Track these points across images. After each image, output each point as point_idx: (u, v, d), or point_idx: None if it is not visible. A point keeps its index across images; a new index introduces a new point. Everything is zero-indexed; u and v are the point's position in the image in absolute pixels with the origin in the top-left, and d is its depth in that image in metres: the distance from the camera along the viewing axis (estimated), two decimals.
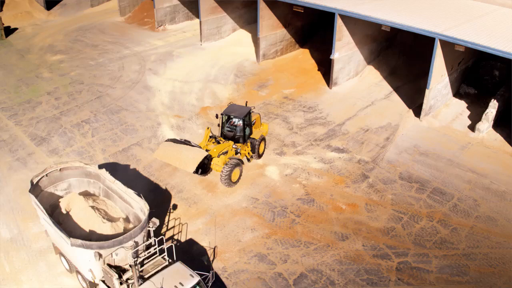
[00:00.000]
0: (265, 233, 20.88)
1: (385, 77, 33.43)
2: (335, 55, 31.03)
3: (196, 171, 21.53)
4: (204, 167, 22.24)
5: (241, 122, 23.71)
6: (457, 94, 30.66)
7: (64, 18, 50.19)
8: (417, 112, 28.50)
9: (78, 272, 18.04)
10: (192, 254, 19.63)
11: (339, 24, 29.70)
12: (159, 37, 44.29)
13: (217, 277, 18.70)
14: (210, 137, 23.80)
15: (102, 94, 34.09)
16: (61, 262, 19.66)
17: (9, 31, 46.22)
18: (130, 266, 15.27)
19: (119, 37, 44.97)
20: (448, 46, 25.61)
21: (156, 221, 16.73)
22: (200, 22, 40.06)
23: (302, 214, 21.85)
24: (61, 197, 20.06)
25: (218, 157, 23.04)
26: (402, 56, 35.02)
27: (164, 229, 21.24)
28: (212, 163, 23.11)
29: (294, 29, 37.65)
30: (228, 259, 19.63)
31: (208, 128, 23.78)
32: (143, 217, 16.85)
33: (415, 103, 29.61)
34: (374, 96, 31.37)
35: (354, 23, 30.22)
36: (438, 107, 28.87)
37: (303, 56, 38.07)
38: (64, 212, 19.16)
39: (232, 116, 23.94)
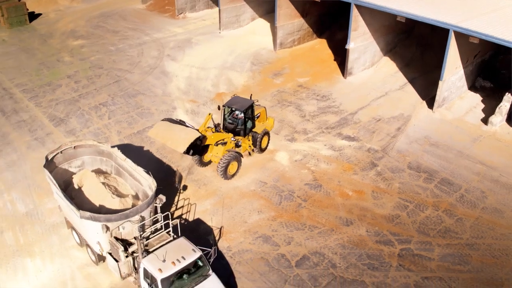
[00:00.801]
0: (271, 215, 21.27)
1: (401, 68, 33.40)
2: (351, 45, 31.13)
3: (187, 152, 21.21)
4: (196, 148, 21.88)
5: (242, 115, 23.48)
6: (472, 87, 30.49)
7: (86, 4, 51.01)
8: (431, 104, 28.47)
9: (87, 245, 18.71)
10: (198, 233, 20.13)
11: (355, 14, 29.78)
12: (179, 25, 44.79)
13: (221, 256, 19.18)
14: (214, 126, 23.59)
15: (121, 79, 34.77)
16: (72, 236, 20.33)
17: (33, 16, 47.26)
18: (135, 238, 15.82)
19: (139, 23, 45.62)
20: (463, 38, 25.53)
21: (162, 197, 17.27)
22: (219, 10, 40.40)
23: (309, 198, 22.18)
24: (75, 173, 20.71)
25: (216, 145, 23.04)
26: (419, 48, 34.89)
27: (173, 208, 21.79)
28: (211, 154, 23.29)
29: (312, 19, 37.75)
30: (233, 239, 20.09)
31: (209, 114, 23.57)
32: (151, 193, 17.37)
33: (430, 95, 29.56)
34: (388, 87, 31.41)
35: (370, 13, 30.24)
36: (452, 99, 28.80)
37: (320, 46, 38.18)
38: (76, 187, 19.83)
39: (233, 109, 23.73)
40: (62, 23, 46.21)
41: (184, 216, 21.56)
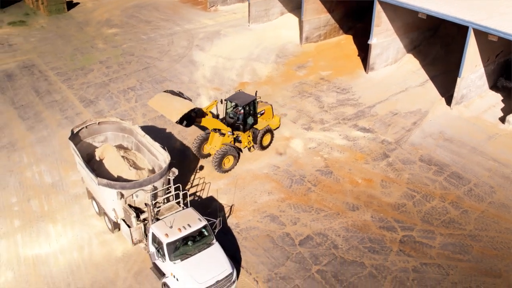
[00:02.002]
0: (281, 197, 22.13)
1: (424, 66, 33.68)
2: (373, 40, 31.64)
3: (180, 122, 21.25)
4: (190, 120, 21.78)
5: (242, 110, 23.63)
6: (494, 87, 30.56)
7: None
8: (450, 101, 28.74)
9: (105, 214, 19.97)
10: (210, 209, 21.11)
11: (377, 9, 30.29)
12: (210, 17, 46.02)
13: (229, 231, 20.16)
14: (215, 116, 23.64)
15: (150, 66, 36.16)
16: (92, 206, 21.66)
17: (71, 5, 49.33)
18: (146, 205, 16.95)
19: (172, 15, 47.06)
20: (483, 36, 25.76)
21: (175, 170, 18.36)
22: (249, 3, 41.40)
23: (319, 184, 22.93)
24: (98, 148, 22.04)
25: (214, 131, 23.39)
26: (444, 47, 35.05)
27: (188, 186, 22.86)
28: (210, 146, 23.89)
29: (339, 15, 38.33)
30: (242, 217, 21.04)
31: (215, 101, 23.85)
32: (164, 165, 18.47)
33: (449, 93, 29.78)
34: (409, 83, 31.77)
35: (393, 10, 30.68)
36: (472, 97, 28.99)
37: (346, 42, 38.73)
38: (98, 159, 21.12)
39: (233, 103, 23.84)
40: (98, 12, 48.07)
41: (198, 194, 22.60)
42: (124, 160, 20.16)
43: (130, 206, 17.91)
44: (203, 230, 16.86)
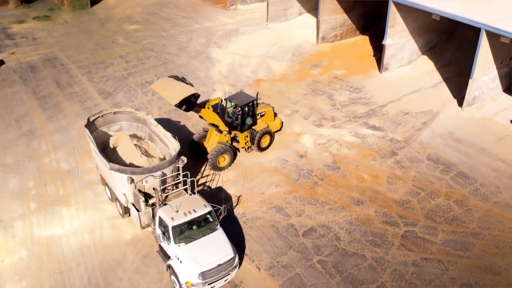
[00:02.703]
0: (288, 190, 22.65)
1: (438, 68, 33.81)
2: (387, 41, 31.95)
3: (179, 106, 21.47)
4: (189, 104, 21.89)
5: (240, 110, 23.62)
6: (508, 89, 30.57)
7: None
8: (462, 103, 28.86)
9: (117, 199, 20.74)
10: (218, 199, 21.71)
11: (392, 10, 30.59)
12: (229, 15, 46.77)
13: (235, 220, 20.75)
14: (217, 112, 23.59)
15: (168, 61, 37.02)
16: (105, 192, 22.47)
17: (94, 1, 50.59)
18: (154, 189, 17.65)
19: (192, 12, 47.94)
20: (496, 38, 25.89)
21: (184, 159, 19.06)
22: (267, 3, 42.01)
23: (326, 178, 23.39)
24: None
25: (212, 126, 23.59)
26: (459, 50, 35.09)
27: (199, 176, 23.52)
28: (207, 143, 24.02)
29: (355, 16, 38.67)
30: (249, 207, 21.62)
31: (219, 98, 23.97)
32: (174, 153, 19.17)
33: (462, 94, 29.88)
34: (422, 84, 31.97)
35: (408, 11, 30.94)
36: (484, 99, 29.08)
37: (362, 42, 39.04)
38: (112, 147, 21.93)
39: (232, 103, 23.92)
40: (120, 9, 49.22)
41: (207, 184, 23.25)
42: (136, 148, 20.90)
43: (139, 191, 18.61)
44: (208, 216, 17.48)
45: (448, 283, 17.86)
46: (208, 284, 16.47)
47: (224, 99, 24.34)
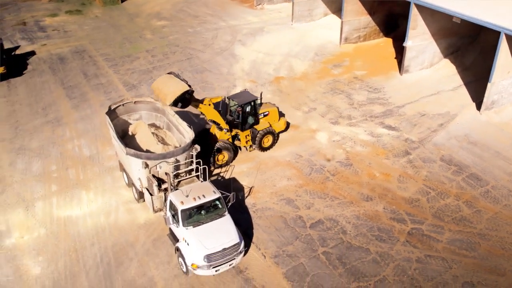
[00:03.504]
0: (299, 183, 23.14)
1: (460, 72, 33.75)
2: (408, 43, 32.10)
3: (175, 104, 21.64)
4: (185, 102, 22.08)
5: (240, 108, 23.78)
6: None
7: None
8: (481, 107, 28.79)
9: (133, 185, 21.58)
10: (230, 189, 22.29)
11: (414, 13, 30.74)
12: (255, 14, 47.47)
13: (245, 210, 21.36)
14: (218, 110, 23.70)
15: (192, 57, 37.91)
16: (123, 178, 23.36)
17: None
18: (166, 174, 18.40)
19: (219, 11, 48.80)
20: None
21: (197, 147, 19.80)
22: (293, 3, 42.55)
23: (337, 174, 23.79)
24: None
25: (213, 123, 24.00)
26: (482, 54, 34.93)
27: (212, 167, 24.18)
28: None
29: (379, 18, 38.85)
30: (260, 198, 22.20)
31: (223, 96, 24.47)
32: (188, 141, 19.90)
33: (481, 99, 29.78)
34: (441, 87, 32.00)
35: (431, 14, 31.03)
36: (504, 104, 28.97)
37: (385, 45, 39.19)
38: (131, 134, 22.83)
39: (233, 102, 24.13)
40: (150, 5, 50.48)
41: (222, 174, 23.92)
42: (153, 136, 21.70)
43: (153, 176, 19.38)
44: (217, 202, 18.12)
45: (450, 281, 18.05)
46: (213, 267, 17.08)
47: (227, 97, 24.63)
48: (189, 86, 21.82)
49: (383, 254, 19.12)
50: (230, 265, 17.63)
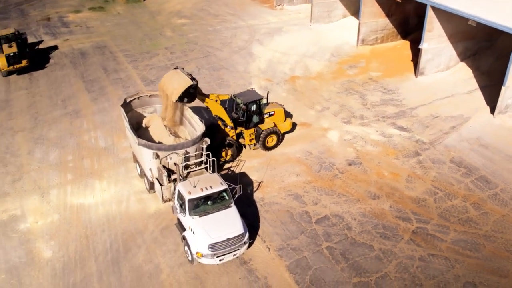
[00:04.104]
0: (308, 179, 23.47)
1: (476, 75, 33.64)
2: (424, 45, 32.16)
3: (181, 100, 21.73)
4: (190, 96, 22.02)
5: (244, 107, 24.06)
6: None
7: None
8: (495, 110, 28.72)
9: (144, 175, 22.17)
10: (237, 182, 22.74)
11: (430, 15, 30.80)
12: (274, 15, 47.92)
13: (253, 203, 21.77)
14: (224, 107, 24.06)
15: (210, 54, 38.52)
16: (136, 169, 23.99)
17: None
18: (175, 164, 18.94)
19: (239, 10, 49.36)
20: None
21: (207, 140, 20.33)
22: (312, 4, 42.88)
23: (346, 172, 24.06)
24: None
25: (217, 118, 24.25)
26: (500, 59, 34.69)
27: (222, 160, 24.64)
28: None
29: (397, 20, 38.90)
30: (268, 193, 22.59)
31: (229, 95, 24.83)
32: (198, 134, 20.42)
33: (496, 102, 29.71)
34: (456, 90, 31.95)
35: (447, 17, 31.03)
36: None
37: (402, 47, 39.23)
38: (144, 126, 23.47)
39: (238, 100, 24.38)
40: (171, 3, 51.31)
41: (232, 169, 24.38)
42: (165, 129, 22.28)
43: (164, 167, 19.94)
44: (224, 193, 18.58)
45: (452, 280, 18.18)
46: (217, 256, 17.52)
47: (233, 95, 24.90)
48: (193, 79, 21.89)
49: (386, 251, 19.33)
50: (234, 255, 18.04)
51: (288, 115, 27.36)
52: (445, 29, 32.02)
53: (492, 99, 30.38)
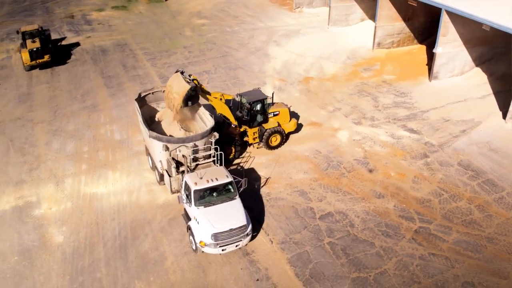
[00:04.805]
0: (314, 177, 23.91)
1: (491, 81, 33.61)
2: (438, 49, 32.31)
3: (185, 105, 22.01)
4: (192, 98, 22.22)
5: (248, 106, 24.53)
6: None
7: None
8: (506, 115, 28.74)
9: (155, 167, 22.89)
10: (248, 178, 23.24)
11: (445, 19, 30.97)
12: (293, 17, 48.43)
13: (260, 198, 22.30)
14: (229, 106, 24.40)
15: (227, 54, 39.21)
16: (148, 162, 24.75)
17: None
18: (183, 156, 19.60)
19: (258, 12, 50.01)
20: None
21: (216, 134, 20.98)
22: (330, 7, 43.28)
23: (353, 171, 24.42)
24: None
25: (222, 116, 24.53)
26: None
27: (232, 156, 25.23)
28: None
29: (414, 25, 39.05)
30: (275, 188, 23.10)
31: (236, 95, 25.39)
32: (207, 128, 21.06)
33: (508, 107, 29.73)
34: (470, 94, 31.99)
35: (462, 22, 31.13)
36: None
37: (418, 51, 39.36)
38: (157, 120, 24.22)
39: (243, 98, 24.87)
40: (192, 4, 52.25)
41: (241, 164, 24.96)
42: (177, 123, 22.97)
43: (173, 159, 20.62)
44: (229, 185, 19.18)
45: (451, 279, 18.41)
46: (220, 246, 18.09)
47: (238, 95, 25.39)
48: (191, 81, 22.14)
49: (387, 249, 19.65)
50: (236, 246, 18.59)
51: (294, 115, 27.71)
52: (460, 33, 32.12)
53: (505, 104, 30.34)
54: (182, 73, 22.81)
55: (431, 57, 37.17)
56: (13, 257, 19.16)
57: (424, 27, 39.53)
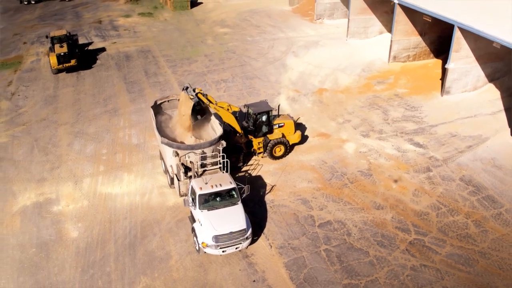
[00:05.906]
0: (318, 186, 24.97)
1: (503, 97, 34.03)
2: (450, 65, 32.97)
3: (195, 120, 23.57)
4: (200, 112, 23.77)
5: (254, 116, 25.56)
6: None
7: (242, 0, 58.17)
8: None
9: (167, 171, 24.31)
10: (253, 185, 24.47)
11: (457, 36, 31.63)
12: (313, 28, 49.54)
13: (263, 204, 23.48)
14: (236, 115, 25.34)
15: (246, 64, 40.56)
16: (161, 166, 26.19)
17: (194, 3, 55.72)
18: (191, 162, 20.94)
19: (280, 22, 51.27)
20: None
21: (223, 142, 22.31)
22: (349, 19, 44.23)
23: (355, 182, 25.39)
24: None
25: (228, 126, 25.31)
26: None
27: (240, 164, 26.48)
28: None
29: (430, 39, 39.70)
30: (278, 196, 24.25)
31: (239, 108, 26.41)
32: (215, 136, 22.39)
33: None
34: (480, 110, 32.52)
35: (475, 38, 31.75)
36: None
37: (433, 66, 39.97)
38: (171, 127, 25.64)
39: (249, 109, 25.95)
40: (216, 13, 53.82)
41: (249, 171, 26.19)
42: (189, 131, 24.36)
43: (182, 164, 22.00)
44: (232, 191, 20.43)
45: None
46: (220, 248, 19.34)
47: (245, 106, 26.61)
48: (194, 96, 23.52)
49: (380, 258, 20.57)
50: (236, 249, 19.79)
51: (301, 126, 28.87)
52: (472, 49, 32.71)
53: None
54: (186, 88, 24.10)
55: (445, 71, 37.77)
56: (31, 249, 20.78)
57: (440, 42, 40.10)
